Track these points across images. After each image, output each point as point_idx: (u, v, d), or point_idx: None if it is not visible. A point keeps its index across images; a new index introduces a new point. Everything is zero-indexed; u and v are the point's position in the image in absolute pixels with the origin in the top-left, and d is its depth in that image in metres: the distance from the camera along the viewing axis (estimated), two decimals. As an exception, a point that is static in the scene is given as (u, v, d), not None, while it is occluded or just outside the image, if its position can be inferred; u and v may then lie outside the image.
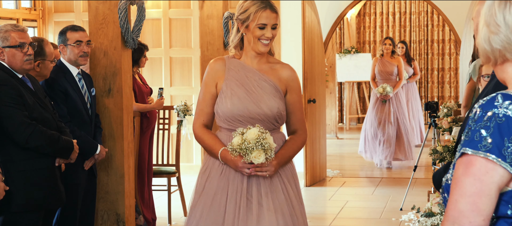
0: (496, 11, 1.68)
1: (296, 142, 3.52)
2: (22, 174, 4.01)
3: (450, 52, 14.45)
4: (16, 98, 3.98)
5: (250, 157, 3.22)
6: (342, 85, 14.52)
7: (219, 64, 3.49)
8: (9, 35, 4.08)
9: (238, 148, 3.22)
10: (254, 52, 3.44)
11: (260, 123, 3.33)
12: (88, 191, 4.82)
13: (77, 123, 4.69)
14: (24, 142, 3.98)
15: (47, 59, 4.51)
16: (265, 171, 3.31)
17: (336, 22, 9.97)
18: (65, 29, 4.84)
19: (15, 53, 4.07)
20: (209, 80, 3.48)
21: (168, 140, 6.83)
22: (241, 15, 3.41)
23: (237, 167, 3.31)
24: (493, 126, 1.60)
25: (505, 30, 1.66)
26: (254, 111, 3.37)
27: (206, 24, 6.69)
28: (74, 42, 4.74)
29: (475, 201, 1.60)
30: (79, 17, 8.88)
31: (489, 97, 1.65)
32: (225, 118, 3.41)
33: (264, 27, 3.38)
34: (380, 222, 6.61)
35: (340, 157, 10.49)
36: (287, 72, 3.50)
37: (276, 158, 3.35)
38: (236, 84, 3.42)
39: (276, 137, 3.43)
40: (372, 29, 14.71)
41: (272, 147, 3.23)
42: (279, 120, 3.45)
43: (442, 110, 7.40)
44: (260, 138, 3.20)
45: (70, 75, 4.75)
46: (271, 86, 3.43)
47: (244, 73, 3.45)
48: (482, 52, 1.73)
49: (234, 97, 3.39)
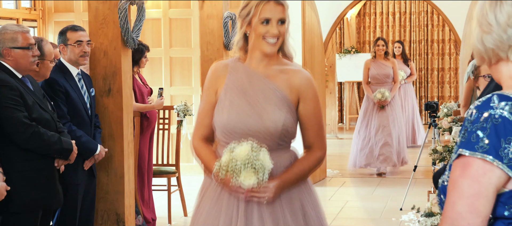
0: (487, 11, 1.68)
1: (308, 161, 2.92)
2: (21, 174, 4.00)
3: (450, 52, 14.45)
4: (17, 98, 3.97)
5: (239, 180, 2.65)
6: (342, 85, 14.52)
7: (220, 68, 2.98)
8: (18, 36, 4.07)
9: (226, 167, 2.67)
10: (260, 54, 2.91)
11: (263, 140, 2.78)
12: (87, 191, 4.82)
13: (76, 123, 4.69)
14: (25, 143, 3.98)
15: (46, 59, 4.50)
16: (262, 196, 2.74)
17: (336, 22, 9.97)
18: (65, 29, 4.84)
19: (24, 54, 4.08)
20: (209, 86, 2.99)
21: (168, 140, 6.83)
22: (243, 11, 2.89)
23: (230, 190, 2.77)
24: (490, 127, 1.60)
25: (497, 29, 1.67)
26: (254, 125, 2.82)
27: (206, 24, 6.69)
28: (75, 42, 4.75)
29: (473, 202, 1.60)
30: (79, 17, 8.89)
31: (485, 98, 1.65)
32: (222, 132, 2.89)
33: (269, 21, 2.84)
34: (380, 222, 6.61)
35: (340, 157, 10.49)
36: (299, 78, 2.92)
37: (277, 180, 2.77)
38: (236, 92, 2.90)
39: (283, 157, 2.87)
40: (372, 29, 14.71)
41: (266, 168, 2.65)
42: (286, 136, 2.88)
43: (442, 110, 7.40)
44: (250, 156, 2.63)
45: (70, 75, 4.75)
46: (278, 95, 2.87)
47: (247, 80, 2.91)
48: (476, 53, 1.74)
49: (232, 108, 2.87)
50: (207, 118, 2.97)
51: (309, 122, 2.93)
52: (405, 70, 10.81)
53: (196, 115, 3.08)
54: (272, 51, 2.88)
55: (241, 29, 2.92)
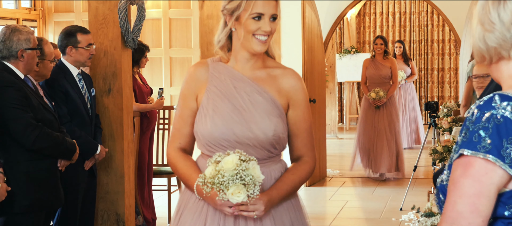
0: (490, 9, 1.68)
1: (298, 171, 2.65)
2: (26, 175, 3.99)
3: (450, 52, 14.45)
4: (22, 100, 3.95)
5: (227, 195, 2.35)
6: (342, 85, 14.52)
7: (200, 71, 2.66)
8: (31, 37, 4.07)
9: (211, 181, 2.35)
10: (247, 53, 2.60)
11: (252, 150, 2.52)
12: (88, 191, 4.83)
13: (77, 123, 4.69)
14: (31, 144, 3.96)
15: (46, 59, 4.50)
16: (251, 211, 2.45)
17: (336, 22, 9.97)
18: (74, 31, 4.77)
19: (34, 55, 4.09)
20: (187, 92, 2.66)
21: (168, 140, 6.82)
22: (229, 4, 2.56)
23: (216, 206, 2.49)
24: (492, 127, 1.59)
25: (500, 28, 1.67)
26: (242, 134, 2.53)
27: (206, 24, 6.69)
28: (87, 45, 4.74)
29: (474, 202, 1.59)
30: (79, 17, 8.89)
31: (487, 97, 1.65)
32: (206, 142, 2.58)
33: (261, 17, 2.52)
34: (380, 222, 6.61)
35: (340, 157, 10.49)
36: (289, 81, 2.63)
37: (268, 194, 2.50)
38: (220, 97, 2.59)
39: (273, 168, 2.62)
40: (372, 29, 14.71)
41: (256, 181, 2.35)
42: (277, 145, 2.60)
43: (442, 110, 7.40)
44: (239, 169, 2.32)
45: (70, 76, 4.74)
46: (267, 100, 2.59)
47: (232, 83, 2.61)
48: (477, 51, 1.73)
49: (216, 115, 2.56)
50: (186, 126, 2.66)
51: (299, 129, 2.65)
52: (405, 70, 10.77)
53: (172, 124, 2.76)
54: (262, 50, 2.57)
55: (226, 26, 2.61)
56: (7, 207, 3.91)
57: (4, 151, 3.98)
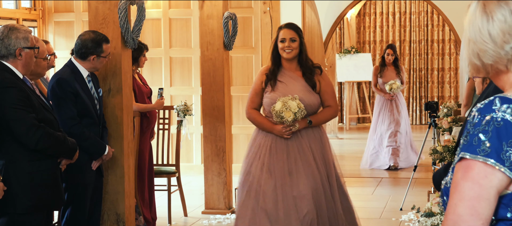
0: (480, 27, 1.67)
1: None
2: (28, 175, 3.98)
3: (450, 52, 14.45)
4: (24, 100, 3.93)
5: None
6: (342, 85, 14.52)
7: None
8: (29, 36, 4.05)
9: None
10: None
11: None
12: (95, 190, 4.83)
13: (87, 124, 4.68)
14: (35, 145, 3.95)
15: (39, 56, 4.43)
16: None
17: (336, 22, 9.97)
18: (100, 40, 4.72)
19: (32, 54, 4.07)
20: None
21: (168, 140, 6.83)
22: None
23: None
24: (492, 130, 1.60)
25: (493, 46, 1.66)
26: None
27: (206, 24, 6.69)
28: (107, 54, 4.76)
29: (474, 205, 1.60)
30: (79, 17, 8.89)
31: (487, 100, 1.65)
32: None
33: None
34: (380, 222, 6.61)
35: (340, 157, 10.47)
36: None
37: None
38: None
39: None
40: (372, 29, 14.72)
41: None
42: None
43: (442, 110, 7.40)
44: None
45: (80, 77, 4.72)
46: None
47: None
48: (473, 66, 1.72)
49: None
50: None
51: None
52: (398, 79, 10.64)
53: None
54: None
55: None
56: (10, 207, 3.90)
57: (5, 151, 3.97)
